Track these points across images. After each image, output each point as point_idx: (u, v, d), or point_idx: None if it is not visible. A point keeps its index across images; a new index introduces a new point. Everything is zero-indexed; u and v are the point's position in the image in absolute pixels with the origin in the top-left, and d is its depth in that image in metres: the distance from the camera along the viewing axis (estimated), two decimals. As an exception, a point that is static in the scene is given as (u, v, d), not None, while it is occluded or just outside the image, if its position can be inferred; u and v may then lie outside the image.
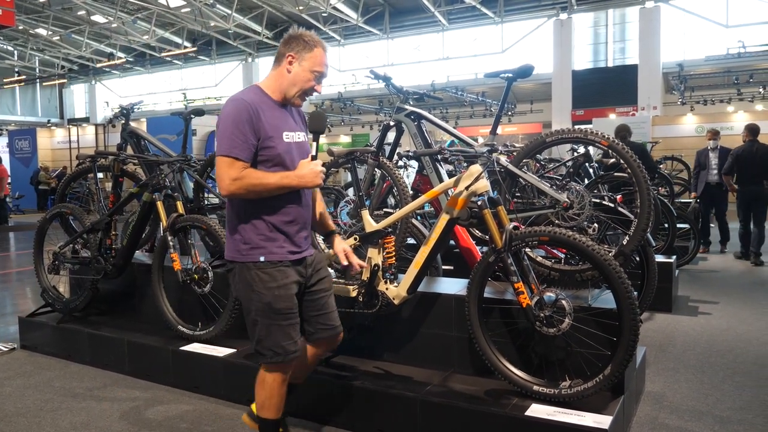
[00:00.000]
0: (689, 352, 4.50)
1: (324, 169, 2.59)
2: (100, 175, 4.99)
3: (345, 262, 2.88)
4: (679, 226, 7.03)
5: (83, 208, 4.85)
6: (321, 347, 2.83)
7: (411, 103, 4.01)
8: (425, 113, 3.89)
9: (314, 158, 2.57)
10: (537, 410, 2.80)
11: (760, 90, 19.79)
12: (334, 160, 3.89)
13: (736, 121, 18.99)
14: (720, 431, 3.20)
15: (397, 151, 4.38)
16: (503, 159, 3.38)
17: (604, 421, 2.68)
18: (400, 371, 3.42)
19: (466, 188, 3.00)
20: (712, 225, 9.51)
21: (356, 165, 3.64)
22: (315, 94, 2.66)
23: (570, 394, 2.85)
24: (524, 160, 3.52)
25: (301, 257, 2.63)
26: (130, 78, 33.48)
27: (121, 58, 29.92)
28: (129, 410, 3.61)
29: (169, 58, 29.50)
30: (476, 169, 3.00)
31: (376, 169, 4.02)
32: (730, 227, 9.26)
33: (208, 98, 29.68)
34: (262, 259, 2.53)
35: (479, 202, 2.96)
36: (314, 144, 2.63)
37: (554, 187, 3.38)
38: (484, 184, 2.97)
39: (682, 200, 9.75)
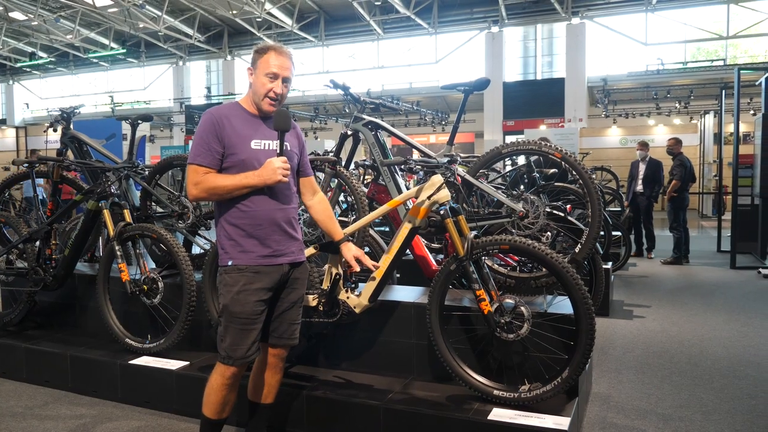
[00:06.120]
0: (629, 354, 4.73)
1: (286, 165, 2.61)
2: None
3: (358, 269, 2.96)
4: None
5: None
6: (267, 354, 2.84)
7: (368, 112, 4.04)
8: (382, 123, 3.92)
9: (279, 155, 2.61)
10: (499, 414, 2.88)
11: (677, 105, 21.04)
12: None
13: (656, 134, 20.08)
14: (664, 428, 3.38)
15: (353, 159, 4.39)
16: (461, 169, 3.47)
17: (563, 422, 2.78)
18: (361, 380, 3.43)
19: (428, 198, 3.06)
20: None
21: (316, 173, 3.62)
22: (283, 94, 2.68)
23: (529, 398, 2.94)
24: (480, 171, 3.61)
25: (278, 263, 2.67)
26: (52, 79, 31.88)
27: (42, 57, 28.47)
28: (76, 428, 3.45)
29: (95, 60, 28.32)
30: (438, 179, 3.06)
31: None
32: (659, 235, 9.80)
33: (137, 102, 28.66)
34: (230, 263, 2.65)
35: (441, 212, 3.02)
36: (277, 141, 2.63)
37: (510, 197, 3.49)
38: (445, 194, 3.04)
39: (610, 209, 10.18)
